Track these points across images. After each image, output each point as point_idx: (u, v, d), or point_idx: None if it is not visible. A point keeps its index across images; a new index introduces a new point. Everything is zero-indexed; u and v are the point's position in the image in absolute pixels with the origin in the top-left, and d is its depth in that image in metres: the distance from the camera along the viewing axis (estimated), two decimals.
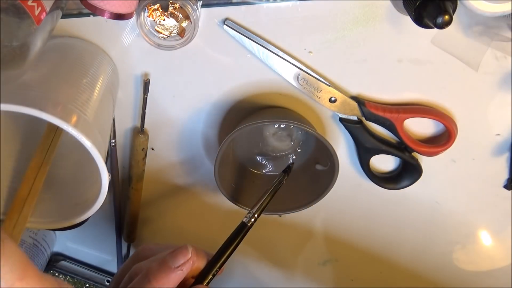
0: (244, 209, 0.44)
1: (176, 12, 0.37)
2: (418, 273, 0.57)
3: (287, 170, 0.43)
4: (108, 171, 0.34)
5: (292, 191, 0.46)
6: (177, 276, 0.34)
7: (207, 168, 0.49)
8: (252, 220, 0.39)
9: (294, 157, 0.47)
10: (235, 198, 0.44)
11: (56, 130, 0.39)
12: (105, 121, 0.38)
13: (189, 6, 0.36)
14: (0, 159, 0.38)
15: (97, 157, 0.33)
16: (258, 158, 0.47)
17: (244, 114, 0.45)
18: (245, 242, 0.54)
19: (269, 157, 0.47)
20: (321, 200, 0.44)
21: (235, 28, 0.40)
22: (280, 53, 0.41)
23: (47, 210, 0.39)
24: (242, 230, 0.38)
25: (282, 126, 0.45)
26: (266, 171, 0.48)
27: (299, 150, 0.47)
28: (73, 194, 0.40)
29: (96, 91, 0.37)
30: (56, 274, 0.57)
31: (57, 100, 0.33)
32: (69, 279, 0.58)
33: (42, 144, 0.38)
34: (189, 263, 0.35)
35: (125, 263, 0.38)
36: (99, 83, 0.38)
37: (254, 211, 0.39)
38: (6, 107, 0.30)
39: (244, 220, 0.38)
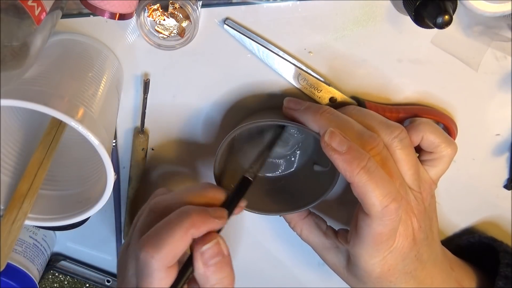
0: (244, 209, 0.44)
1: (176, 12, 0.37)
2: None
3: (283, 126, 0.44)
4: (114, 170, 0.34)
5: (292, 191, 0.46)
6: (213, 223, 0.34)
7: (207, 168, 0.49)
8: (256, 175, 0.40)
9: (293, 158, 0.47)
10: None
11: (58, 126, 0.39)
12: (110, 118, 0.38)
13: (189, 6, 0.36)
14: (1, 154, 0.38)
15: (104, 155, 0.33)
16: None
17: (244, 114, 0.45)
18: (244, 241, 0.55)
19: (268, 157, 0.47)
20: (321, 200, 0.44)
21: (235, 28, 0.40)
22: (281, 53, 0.41)
23: (48, 207, 0.39)
24: (246, 184, 0.39)
25: (282, 126, 0.45)
26: (265, 172, 0.48)
27: (299, 151, 0.47)
28: (75, 192, 0.39)
29: (101, 86, 0.37)
30: (56, 274, 0.57)
31: (62, 94, 0.33)
32: (69, 279, 0.58)
33: (44, 140, 0.38)
34: (224, 221, 0.35)
35: (144, 205, 0.39)
36: (104, 78, 0.38)
37: (256, 167, 0.40)
38: (9, 102, 0.30)
39: (246, 175, 0.39)
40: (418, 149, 0.41)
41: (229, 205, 0.37)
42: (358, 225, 0.37)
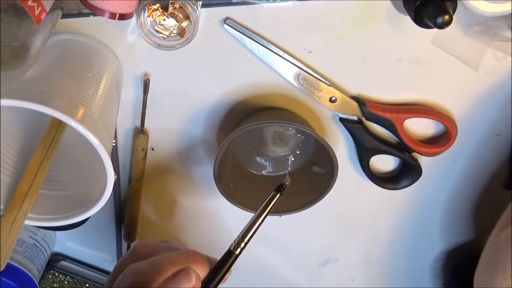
0: (243, 209, 0.44)
1: (176, 12, 0.37)
2: (418, 273, 0.57)
3: (281, 189, 0.37)
4: (114, 170, 0.34)
5: (292, 192, 0.46)
6: None
7: (207, 168, 0.49)
8: (241, 246, 0.34)
9: (292, 159, 0.47)
10: (234, 198, 0.44)
11: (58, 126, 0.39)
12: (110, 118, 0.38)
13: (189, 6, 0.36)
14: (1, 154, 0.38)
15: (104, 155, 0.33)
16: (257, 159, 0.47)
17: (244, 115, 0.45)
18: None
19: (268, 158, 0.47)
20: (321, 200, 0.44)
21: (236, 28, 0.40)
22: (281, 53, 0.41)
23: (48, 207, 0.38)
24: (228, 258, 0.34)
25: (282, 127, 0.45)
26: (265, 172, 0.48)
27: (298, 152, 0.47)
28: (75, 192, 0.39)
29: (101, 86, 0.37)
30: (56, 274, 0.57)
31: (62, 94, 0.33)
32: (69, 279, 0.58)
33: (44, 140, 0.38)
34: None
35: (121, 260, 0.37)
36: (104, 78, 0.38)
37: (241, 237, 0.34)
38: (9, 102, 0.30)
39: (231, 248, 0.34)
40: None
41: (213, 279, 0.34)
42: None
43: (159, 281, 0.32)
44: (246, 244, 0.34)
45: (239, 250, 0.34)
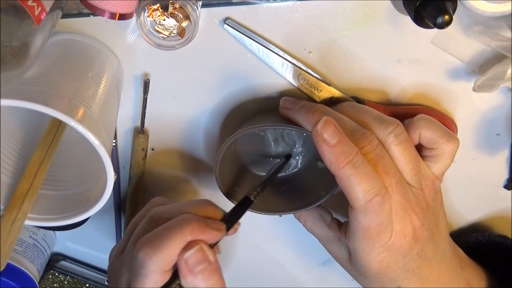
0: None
1: (176, 12, 0.37)
2: None
3: (288, 157, 0.44)
4: (114, 170, 0.34)
5: (292, 192, 0.46)
6: (212, 234, 0.34)
7: (208, 168, 0.49)
8: (257, 196, 0.39)
9: (297, 157, 0.47)
10: (236, 199, 0.44)
11: (58, 126, 0.39)
12: (110, 117, 0.38)
13: (189, 6, 0.36)
14: (1, 154, 0.38)
15: (104, 155, 0.33)
16: (259, 159, 0.47)
17: (245, 114, 0.45)
18: (244, 242, 0.55)
19: (270, 158, 0.47)
20: (328, 196, 0.43)
21: (236, 28, 0.40)
22: (281, 53, 0.41)
23: (48, 207, 0.39)
24: (246, 204, 0.38)
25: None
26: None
27: (301, 149, 0.47)
28: (75, 192, 0.40)
29: (101, 86, 0.37)
30: (56, 274, 0.58)
31: (62, 94, 0.33)
32: (69, 279, 0.58)
33: (44, 140, 0.38)
34: (222, 234, 0.35)
35: (140, 212, 0.39)
36: (104, 78, 0.38)
37: (260, 190, 0.39)
38: (9, 102, 0.30)
39: (248, 195, 0.38)
40: (420, 145, 0.40)
41: (227, 222, 0.36)
42: (349, 219, 0.37)
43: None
44: (259, 195, 0.39)
45: (255, 199, 0.38)
